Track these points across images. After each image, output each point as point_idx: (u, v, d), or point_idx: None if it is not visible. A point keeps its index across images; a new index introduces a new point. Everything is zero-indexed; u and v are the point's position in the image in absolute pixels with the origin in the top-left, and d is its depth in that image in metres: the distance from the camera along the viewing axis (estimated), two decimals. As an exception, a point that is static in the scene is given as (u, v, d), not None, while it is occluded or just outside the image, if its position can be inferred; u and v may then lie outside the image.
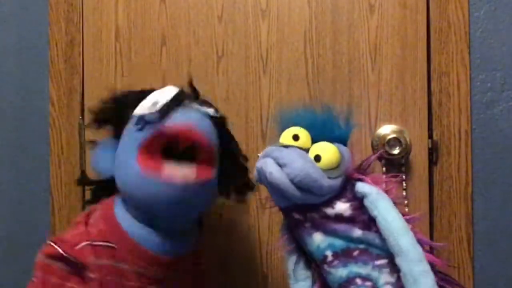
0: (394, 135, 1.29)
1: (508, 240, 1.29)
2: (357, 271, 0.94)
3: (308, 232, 0.97)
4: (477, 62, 1.30)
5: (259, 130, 1.36)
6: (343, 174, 0.96)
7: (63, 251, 0.97)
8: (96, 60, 1.41)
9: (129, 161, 0.99)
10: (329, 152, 0.94)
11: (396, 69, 1.32)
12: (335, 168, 0.94)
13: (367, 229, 0.94)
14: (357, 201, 0.95)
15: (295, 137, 0.96)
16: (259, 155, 0.97)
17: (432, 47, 1.30)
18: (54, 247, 0.97)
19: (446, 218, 1.29)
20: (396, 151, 1.28)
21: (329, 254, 0.96)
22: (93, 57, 1.41)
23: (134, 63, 1.40)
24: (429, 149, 1.31)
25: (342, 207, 0.95)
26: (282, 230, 1.06)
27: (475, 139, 1.29)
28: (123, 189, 1.01)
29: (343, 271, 0.95)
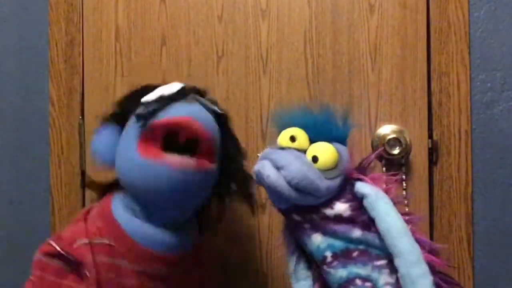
0: (394, 135, 1.29)
1: (508, 240, 1.29)
2: (356, 271, 0.94)
3: (308, 233, 0.97)
4: (477, 62, 1.30)
5: (259, 130, 1.36)
6: (342, 174, 0.96)
7: (61, 249, 0.97)
8: (96, 60, 1.41)
9: (129, 148, 0.99)
10: (326, 152, 0.94)
11: (396, 69, 1.32)
12: (332, 168, 0.94)
13: (366, 229, 0.94)
14: (356, 202, 0.95)
15: (292, 138, 0.96)
16: (258, 155, 0.98)
17: (432, 47, 1.30)
18: (52, 245, 0.98)
19: (446, 218, 1.29)
20: (396, 151, 1.28)
21: (328, 255, 0.96)
22: (93, 57, 1.41)
23: (134, 63, 1.40)
24: (429, 149, 1.31)
25: (341, 207, 0.95)
26: (283, 231, 1.06)
27: (475, 139, 1.29)
28: (122, 176, 1.01)
29: (342, 271, 0.95)
